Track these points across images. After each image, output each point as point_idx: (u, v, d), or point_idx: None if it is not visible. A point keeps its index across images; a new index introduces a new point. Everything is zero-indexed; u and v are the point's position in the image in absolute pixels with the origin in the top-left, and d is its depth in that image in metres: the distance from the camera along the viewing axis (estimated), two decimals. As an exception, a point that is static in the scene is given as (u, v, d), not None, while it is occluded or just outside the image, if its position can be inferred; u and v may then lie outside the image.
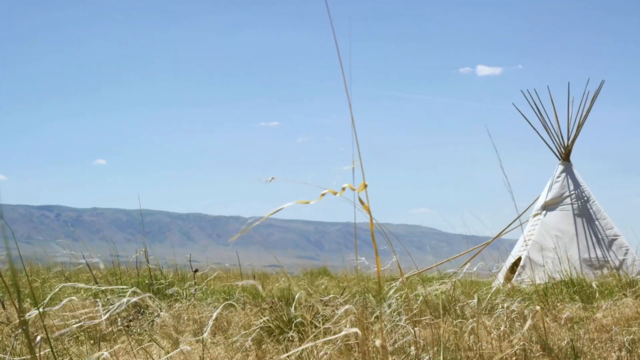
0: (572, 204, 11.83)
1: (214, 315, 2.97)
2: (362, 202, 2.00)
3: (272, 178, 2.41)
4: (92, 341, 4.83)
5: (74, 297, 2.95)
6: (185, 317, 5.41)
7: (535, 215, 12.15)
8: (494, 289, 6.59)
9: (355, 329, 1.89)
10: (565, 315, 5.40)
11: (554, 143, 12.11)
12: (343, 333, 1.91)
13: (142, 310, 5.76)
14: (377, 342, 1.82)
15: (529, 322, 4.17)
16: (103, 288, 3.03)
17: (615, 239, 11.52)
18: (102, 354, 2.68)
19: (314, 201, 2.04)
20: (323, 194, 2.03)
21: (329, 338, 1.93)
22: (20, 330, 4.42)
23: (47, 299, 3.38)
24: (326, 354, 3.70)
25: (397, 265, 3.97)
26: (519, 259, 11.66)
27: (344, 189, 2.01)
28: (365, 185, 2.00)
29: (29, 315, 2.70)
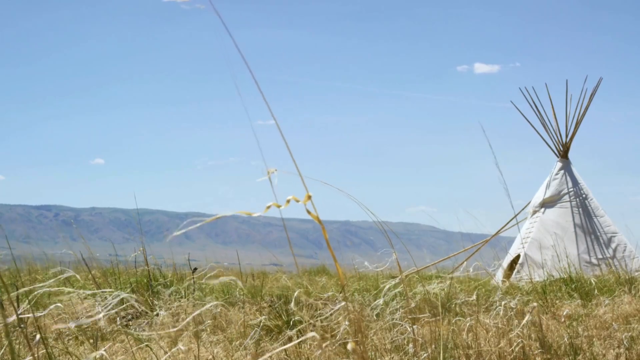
0: (570, 201, 11.83)
1: (201, 310, 2.97)
2: (309, 213, 2.00)
3: (274, 170, 2.42)
4: (91, 340, 4.83)
5: (59, 305, 2.95)
6: (184, 316, 5.41)
7: (534, 212, 12.15)
8: (492, 286, 6.59)
9: (313, 333, 1.89)
10: (564, 313, 5.41)
11: (552, 140, 12.11)
12: (306, 337, 1.91)
13: (140, 309, 5.75)
14: (349, 346, 1.82)
15: (527, 318, 4.17)
16: (90, 292, 3.02)
17: (613, 236, 11.53)
18: (100, 353, 2.68)
19: (257, 214, 2.04)
20: (268, 207, 2.03)
21: (307, 336, 1.93)
22: (16, 330, 4.42)
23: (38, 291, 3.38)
24: (325, 352, 3.70)
25: (396, 263, 3.97)
26: (518, 256, 11.67)
27: (288, 201, 2.01)
28: (309, 197, 2.00)
29: (22, 310, 2.70)
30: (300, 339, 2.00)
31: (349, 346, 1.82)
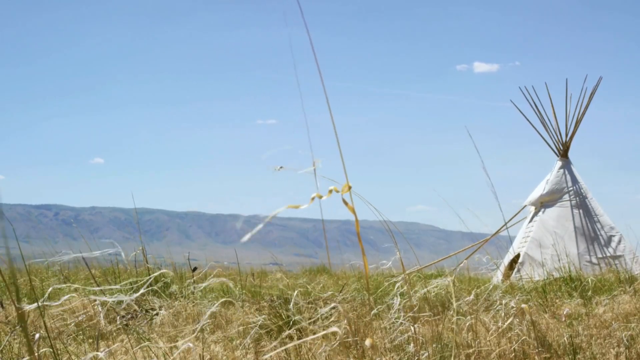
0: (570, 200, 11.83)
1: (209, 311, 2.97)
2: (345, 203, 2.00)
3: (281, 167, 2.42)
4: (90, 340, 4.83)
5: (74, 295, 2.95)
6: (185, 316, 5.41)
7: (535, 212, 12.14)
8: (492, 285, 6.58)
9: (335, 328, 1.89)
10: (565, 312, 5.41)
11: (552, 140, 12.11)
12: (328, 331, 1.91)
13: (140, 308, 5.75)
14: (367, 342, 1.82)
15: (512, 317, 4.17)
16: (101, 288, 3.02)
17: (613, 236, 11.53)
18: (100, 353, 2.68)
19: (305, 205, 2.04)
20: (313, 198, 2.03)
21: (315, 336, 1.93)
22: (17, 328, 4.41)
23: (45, 295, 3.37)
24: (325, 351, 3.70)
25: (400, 262, 3.97)
26: (518, 255, 11.66)
27: (330, 191, 2.01)
28: (349, 187, 2.00)
29: (26, 308, 2.70)
30: (321, 334, 2.00)
31: (367, 342, 1.82)
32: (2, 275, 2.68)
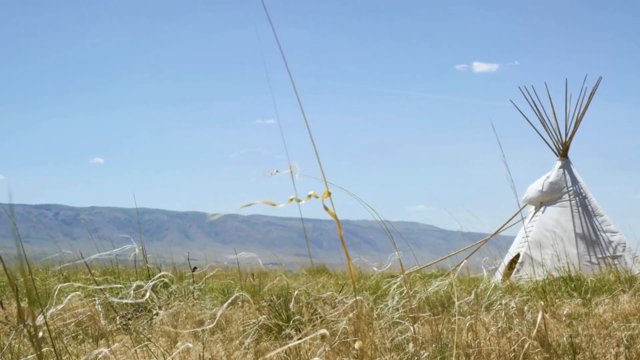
0: (570, 200, 11.83)
1: (220, 311, 2.97)
2: (326, 209, 2.00)
3: (276, 171, 2.41)
4: (90, 339, 4.83)
5: (78, 292, 2.95)
6: (184, 316, 5.41)
7: (535, 211, 12.14)
8: (492, 285, 6.58)
9: (324, 330, 1.88)
10: (565, 312, 5.41)
11: (552, 140, 12.10)
12: (316, 333, 1.91)
13: (140, 308, 5.75)
14: (357, 345, 1.82)
15: (527, 317, 4.18)
16: (103, 287, 3.02)
17: (613, 235, 11.53)
18: (101, 352, 2.68)
19: (281, 204, 2.04)
20: (291, 200, 2.03)
21: (306, 337, 1.93)
22: (18, 328, 4.41)
23: (54, 298, 3.37)
24: (325, 350, 3.70)
25: (399, 262, 3.97)
26: (518, 255, 11.66)
27: (309, 196, 2.00)
28: (329, 193, 1.99)
29: (39, 320, 2.70)
30: (310, 336, 2.00)
31: (357, 345, 1.82)
32: (8, 275, 2.68)
